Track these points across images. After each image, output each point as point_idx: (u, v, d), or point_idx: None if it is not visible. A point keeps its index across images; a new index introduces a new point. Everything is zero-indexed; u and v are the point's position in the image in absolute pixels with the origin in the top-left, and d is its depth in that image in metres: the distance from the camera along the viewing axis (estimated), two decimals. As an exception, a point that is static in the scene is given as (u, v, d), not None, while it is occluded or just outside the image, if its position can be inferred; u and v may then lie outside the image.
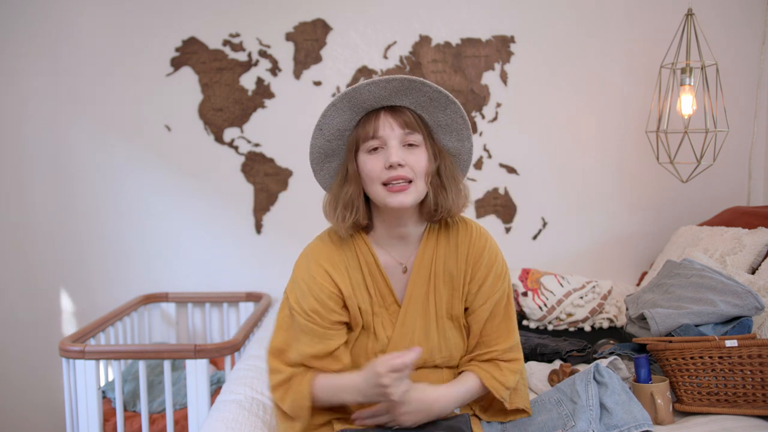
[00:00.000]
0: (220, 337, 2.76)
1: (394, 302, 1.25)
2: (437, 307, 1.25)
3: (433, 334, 1.24)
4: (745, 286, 1.61)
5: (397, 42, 2.66)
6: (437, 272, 1.26)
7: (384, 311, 1.24)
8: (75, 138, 2.64)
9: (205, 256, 2.73)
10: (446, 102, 1.18)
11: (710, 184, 2.73)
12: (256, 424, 1.44)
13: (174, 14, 2.61)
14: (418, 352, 1.10)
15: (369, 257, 1.24)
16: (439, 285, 1.26)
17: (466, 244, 1.27)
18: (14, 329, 2.69)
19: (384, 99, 1.17)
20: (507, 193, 2.75)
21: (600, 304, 2.33)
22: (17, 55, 2.59)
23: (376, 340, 1.23)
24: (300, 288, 1.22)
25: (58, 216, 2.67)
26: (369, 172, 1.16)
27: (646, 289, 1.85)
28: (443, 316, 1.26)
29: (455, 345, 1.26)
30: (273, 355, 1.24)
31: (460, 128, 1.22)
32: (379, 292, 1.24)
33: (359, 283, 1.23)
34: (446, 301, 1.26)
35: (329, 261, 1.22)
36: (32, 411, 2.72)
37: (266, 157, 2.69)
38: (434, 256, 1.26)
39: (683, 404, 1.44)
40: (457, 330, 1.27)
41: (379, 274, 1.24)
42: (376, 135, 1.16)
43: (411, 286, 1.25)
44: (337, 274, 1.21)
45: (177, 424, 2.08)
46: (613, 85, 2.70)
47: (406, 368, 1.08)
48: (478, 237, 1.28)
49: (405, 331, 1.23)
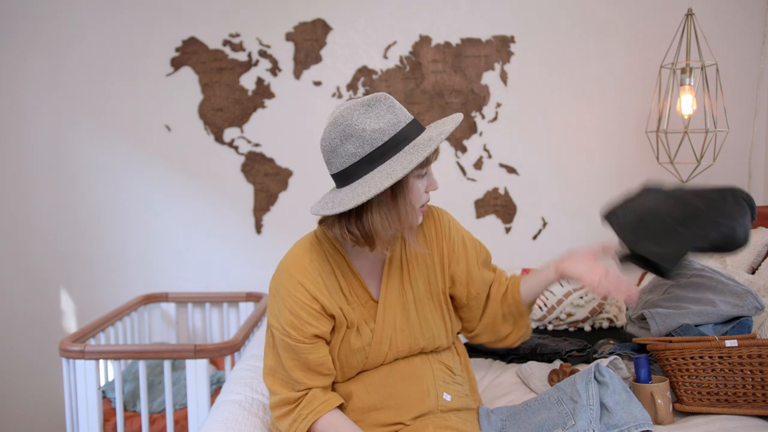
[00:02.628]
0: (220, 337, 2.76)
1: (370, 299, 1.28)
2: (414, 291, 1.30)
3: (414, 319, 1.29)
4: (744, 286, 1.61)
5: (397, 42, 2.66)
6: (409, 259, 1.31)
7: (362, 308, 1.27)
8: (75, 138, 2.65)
9: (205, 256, 2.73)
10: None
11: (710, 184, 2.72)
12: (256, 424, 1.44)
13: (174, 14, 2.61)
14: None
15: (340, 260, 1.27)
16: (413, 269, 1.31)
17: (432, 226, 1.35)
18: (14, 329, 2.69)
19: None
20: (507, 193, 2.75)
21: (600, 304, 2.33)
22: (17, 55, 2.59)
23: (360, 335, 1.25)
24: (276, 303, 1.25)
25: (58, 216, 2.67)
26: (419, 197, 1.20)
27: (646, 290, 1.85)
28: (422, 298, 1.31)
29: (436, 326, 1.31)
30: (267, 374, 1.29)
31: None
32: (354, 293, 1.27)
33: (334, 288, 1.25)
34: (423, 281, 1.31)
35: (302, 271, 1.23)
36: (32, 411, 2.72)
37: (266, 157, 2.69)
38: (402, 245, 1.31)
39: (683, 404, 1.44)
40: (438, 310, 1.32)
41: (352, 276, 1.27)
42: (429, 161, 1.20)
43: (385, 280, 1.29)
44: (311, 284, 1.22)
45: (177, 424, 2.08)
46: (613, 85, 2.70)
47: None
48: (439, 216, 1.37)
49: (386, 322, 1.27)
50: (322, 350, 1.23)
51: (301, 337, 1.20)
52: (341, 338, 1.25)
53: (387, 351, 1.27)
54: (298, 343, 1.20)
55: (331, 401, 1.23)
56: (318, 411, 1.20)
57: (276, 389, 1.25)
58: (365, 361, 1.26)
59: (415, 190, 1.18)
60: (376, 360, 1.27)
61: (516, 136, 2.72)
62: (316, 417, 1.20)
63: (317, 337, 1.22)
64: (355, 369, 1.27)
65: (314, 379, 1.23)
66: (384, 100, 1.16)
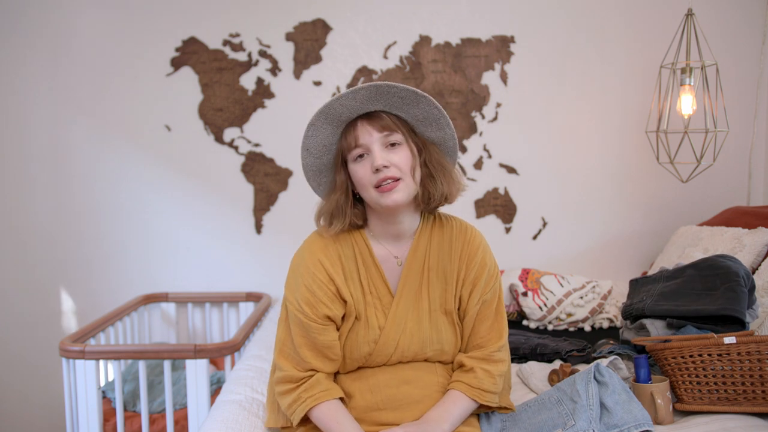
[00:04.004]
0: (220, 337, 2.76)
1: (387, 293, 1.28)
2: (430, 300, 1.29)
3: (425, 325, 1.28)
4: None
5: (397, 42, 2.66)
6: (431, 266, 1.30)
7: (377, 302, 1.28)
8: (75, 138, 2.65)
9: (205, 256, 2.73)
10: (416, 98, 1.23)
11: (710, 184, 2.73)
12: (255, 424, 1.44)
13: (174, 14, 2.61)
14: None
15: (364, 249, 1.29)
16: (433, 279, 1.29)
17: (461, 242, 1.32)
18: (14, 329, 2.69)
19: (357, 108, 1.22)
20: (507, 193, 2.75)
21: (600, 304, 2.33)
22: (18, 55, 2.59)
23: (368, 328, 1.26)
24: (294, 277, 1.28)
25: (58, 216, 2.67)
26: (360, 179, 1.22)
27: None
28: (436, 310, 1.29)
29: (447, 339, 1.29)
30: (278, 348, 1.30)
31: (437, 118, 1.27)
32: (372, 283, 1.28)
33: (352, 273, 1.27)
34: (440, 295, 1.30)
35: (323, 251, 1.27)
36: (32, 411, 2.72)
37: (266, 157, 2.69)
38: (428, 250, 1.30)
39: (683, 403, 1.44)
40: (450, 325, 1.30)
41: (373, 265, 1.28)
42: (358, 144, 1.21)
43: (404, 278, 1.29)
44: (329, 263, 1.25)
45: (177, 424, 2.08)
46: (613, 85, 2.70)
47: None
48: (472, 237, 1.33)
49: (397, 321, 1.27)
50: (332, 333, 1.25)
51: (314, 316, 1.23)
52: (349, 328, 1.26)
53: (392, 352, 1.27)
54: (310, 322, 1.23)
55: (333, 392, 1.24)
56: (318, 398, 1.21)
57: (282, 364, 1.27)
58: (368, 357, 1.27)
59: (354, 173, 1.23)
60: (379, 359, 1.27)
61: (516, 136, 2.72)
62: (315, 403, 1.21)
63: (329, 319, 1.25)
64: (356, 362, 1.28)
65: (321, 361, 1.25)
66: (359, 89, 1.20)
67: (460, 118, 2.70)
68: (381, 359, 1.27)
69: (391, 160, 1.20)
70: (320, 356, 1.24)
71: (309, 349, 1.24)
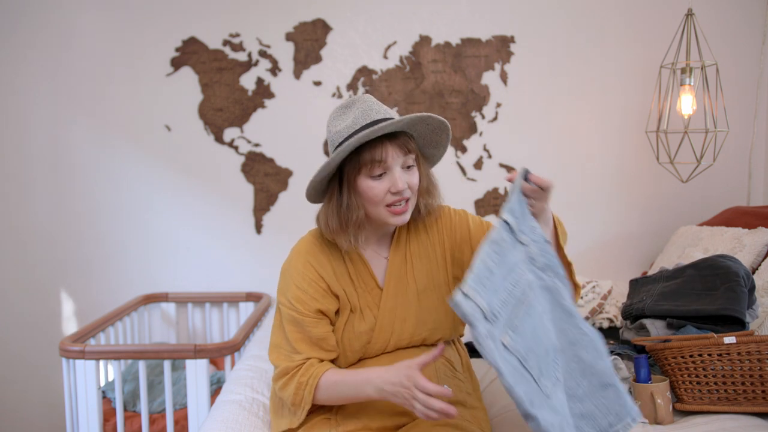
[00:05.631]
0: (220, 337, 2.76)
1: (376, 286, 1.32)
2: (417, 282, 1.33)
3: (415, 309, 1.32)
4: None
5: (397, 42, 2.66)
6: (412, 252, 1.34)
7: (368, 295, 1.31)
8: (75, 138, 2.65)
9: (205, 256, 2.73)
10: (443, 128, 1.28)
11: (710, 184, 2.73)
12: (256, 424, 1.44)
13: (174, 14, 2.61)
14: (449, 392, 1.08)
15: (351, 249, 1.31)
16: (416, 263, 1.34)
17: (434, 219, 1.38)
18: (14, 329, 2.69)
19: (388, 130, 1.21)
20: (507, 193, 2.75)
21: (600, 304, 2.32)
22: (18, 55, 2.59)
23: (363, 319, 1.30)
24: (284, 280, 1.31)
25: (58, 216, 2.67)
26: (374, 197, 1.22)
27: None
28: (425, 289, 1.33)
29: (438, 317, 1.33)
30: (272, 350, 1.32)
31: (443, 144, 1.33)
32: (361, 279, 1.31)
33: (342, 272, 1.31)
34: (425, 274, 1.34)
35: (311, 253, 1.31)
36: (32, 411, 2.72)
37: (266, 157, 2.69)
38: (407, 240, 1.35)
39: (684, 403, 1.44)
40: (441, 300, 1.34)
41: (360, 262, 1.32)
42: (383, 164, 1.20)
43: (390, 270, 1.33)
44: (318, 263, 1.29)
45: (177, 424, 2.08)
46: (613, 85, 2.70)
47: (434, 399, 1.07)
48: (447, 211, 1.39)
49: (388, 310, 1.31)
50: (325, 326, 1.28)
51: (307, 311, 1.26)
52: (345, 321, 1.29)
53: (389, 338, 1.30)
54: (303, 317, 1.26)
55: (326, 364, 1.26)
56: (315, 375, 1.23)
57: (278, 362, 1.29)
58: (367, 346, 1.30)
59: (368, 189, 1.21)
60: (378, 346, 1.31)
61: (516, 136, 2.72)
62: (315, 381, 1.22)
63: (321, 313, 1.28)
64: (357, 353, 1.30)
65: (316, 352, 1.27)
66: (359, 102, 1.23)
67: (460, 118, 2.70)
68: (379, 346, 1.31)
69: (409, 182, 1.23)
70: (316, 348, 1.27)
71: (305, 343, 1.27)
